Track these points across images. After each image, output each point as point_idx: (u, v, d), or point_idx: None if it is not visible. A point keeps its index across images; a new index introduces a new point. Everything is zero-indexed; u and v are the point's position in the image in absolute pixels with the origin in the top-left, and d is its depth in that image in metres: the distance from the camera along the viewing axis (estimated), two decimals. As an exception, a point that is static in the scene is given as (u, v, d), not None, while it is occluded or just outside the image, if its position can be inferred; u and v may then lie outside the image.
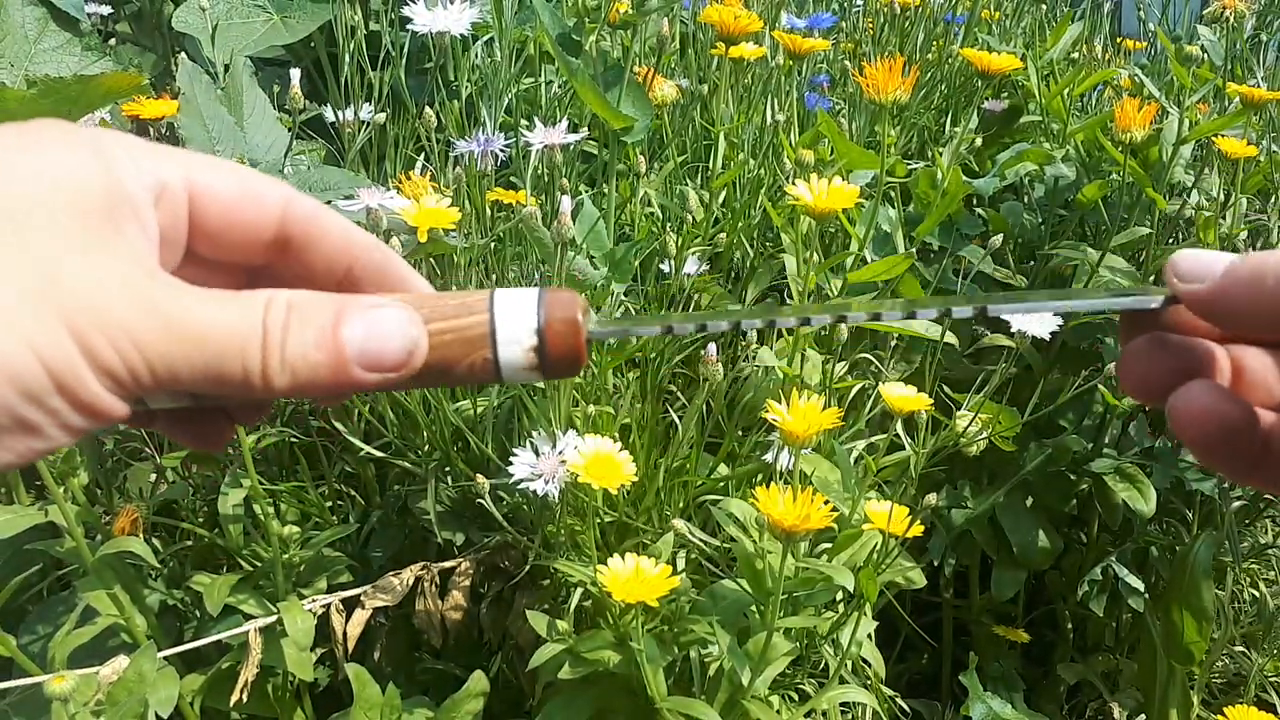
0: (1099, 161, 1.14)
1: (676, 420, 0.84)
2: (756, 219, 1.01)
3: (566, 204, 0.78)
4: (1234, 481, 0.92)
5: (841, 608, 0.78)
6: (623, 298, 0.87)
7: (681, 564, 0.80)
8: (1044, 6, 1.52)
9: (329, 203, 0.79)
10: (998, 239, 0.89)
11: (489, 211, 0.90)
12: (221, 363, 0.24)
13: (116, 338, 0.22)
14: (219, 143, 0.88)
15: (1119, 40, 1.64)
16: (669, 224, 0.98)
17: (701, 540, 0.77)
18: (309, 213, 0.28)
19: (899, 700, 0.88)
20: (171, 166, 0.26)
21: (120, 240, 0.24)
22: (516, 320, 0.27)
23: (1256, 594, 1.12)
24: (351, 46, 1.01)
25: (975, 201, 1.18)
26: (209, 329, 0.23)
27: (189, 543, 0.89)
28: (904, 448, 0.79)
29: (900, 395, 0.73)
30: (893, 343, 0.95)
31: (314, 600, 0.81)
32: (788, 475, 0.72)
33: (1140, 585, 1.08)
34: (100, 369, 0.22)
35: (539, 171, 0.92)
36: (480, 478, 0.76)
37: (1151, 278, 1.06)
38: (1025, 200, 1.20)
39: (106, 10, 1.14)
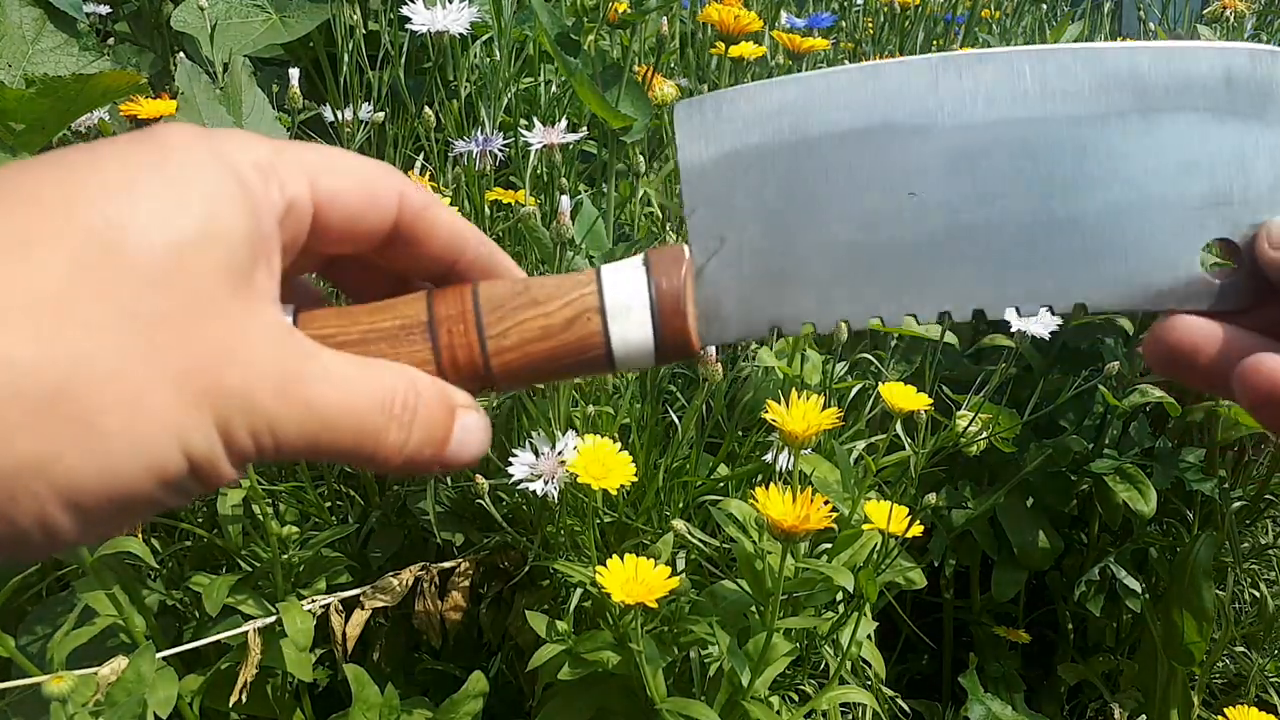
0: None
1: (676, 420, 0.84)
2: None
3: (565, 203, 0.78)
4: None
5: (841, 608, 0.78)
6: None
7: (681, 564, 0.80)
8: (1044, 6, 1.52)
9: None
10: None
11: (488, 211, 0.90)
12: (348, 447, 0.24)
13: (258, 426, 0.22)
14: (218, 142, 0.88)
15: (1119, 40, 1.63)
16: (669, 223, 0.98)
17: (701, 541, 0.76)
18: (422, 207, 0.28)
19: (899, 701, 0.87)
20: (298, 177, 0.25)
21: (258, 297, 0.23)
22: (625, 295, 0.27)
23: (1257, 594, 1.12)
24: (350, 46, 1.01)
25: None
26: (343, 415, 0.24)
27: (188, 543, 0.88)
28: (904, 448, 0.79)
29: (900, 395, 0.73)
30: (893, 343, 0.95)
31: (313, 601, 0.81)
32: (787, 475, 0.72)
33: (1139, 586, 1.08)
34: (236, 455, 0.22)
35: (538, 171, 0.92)
36: (480, 478, 0.76)
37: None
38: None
39: (105, 10, 1.14)
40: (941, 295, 0.27)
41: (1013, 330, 0.80)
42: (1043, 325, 0.80)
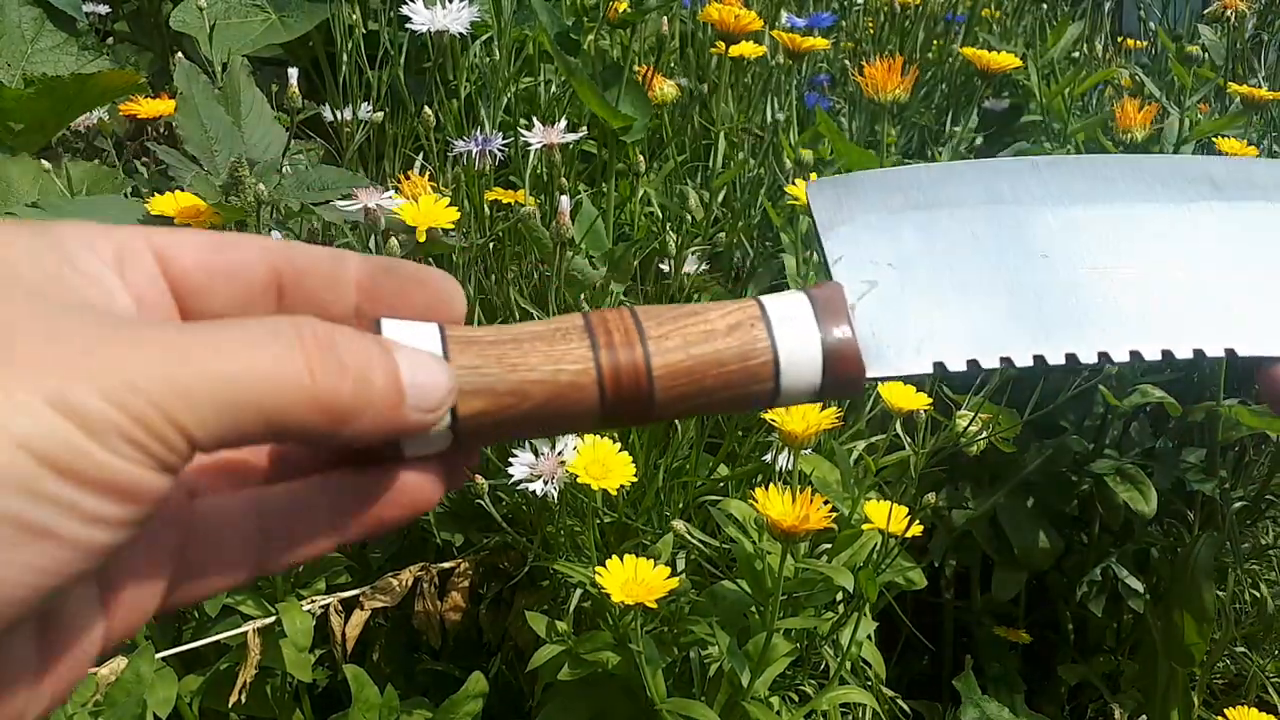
0: (1099, 161, 1.13)
1: (676, 420, 0.84)
2: (756, 219, 1.00)
3: (565, 203, 0.78)
4: None
5: (842, 608, 0.78)
6: (622, 297, 0.87)
7: (681, 565, 0.80)
8: (1044, 6, 1.51)
9: (326, 202, 0.79)
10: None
11: (488, 211, 0.90)
12: (267, 392, 0.20)
13: (112, 389, 0.18)
14: (216, 142, 0.88)
15: (1120, 39, 1.63)
16: (668, 223, 0.98)
17: (701, 541, 0.76)
18: (287, 245, 0.25)
19: (899, 701, 0.87)
20: (127, 234, 0.23)
21: (85, 304, 0.21)
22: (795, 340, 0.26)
23: (1257, 595, 1.12)
24: (350, 45, 1.01)
25: (976, 201, 1.17)
26: (233, 357, 0.20)
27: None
28: (904, 448, 0.78)
29: (900, 394, 0.73)
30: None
31: (313, 601, 0.81)
32: (787, 476, 0.72)
33: (1140, 586, 1.08)
34: (105, 432, 0.18)
35: (538, 171, 0.92)
36: (479, 478, 0.75)
37: None
38: (1026, 200, 1.19)
39: (104, 9, 1.14)
40: (1097, 336, 0.28)
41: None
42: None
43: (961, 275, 0.28)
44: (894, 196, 0.29)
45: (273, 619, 0.78)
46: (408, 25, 0.90)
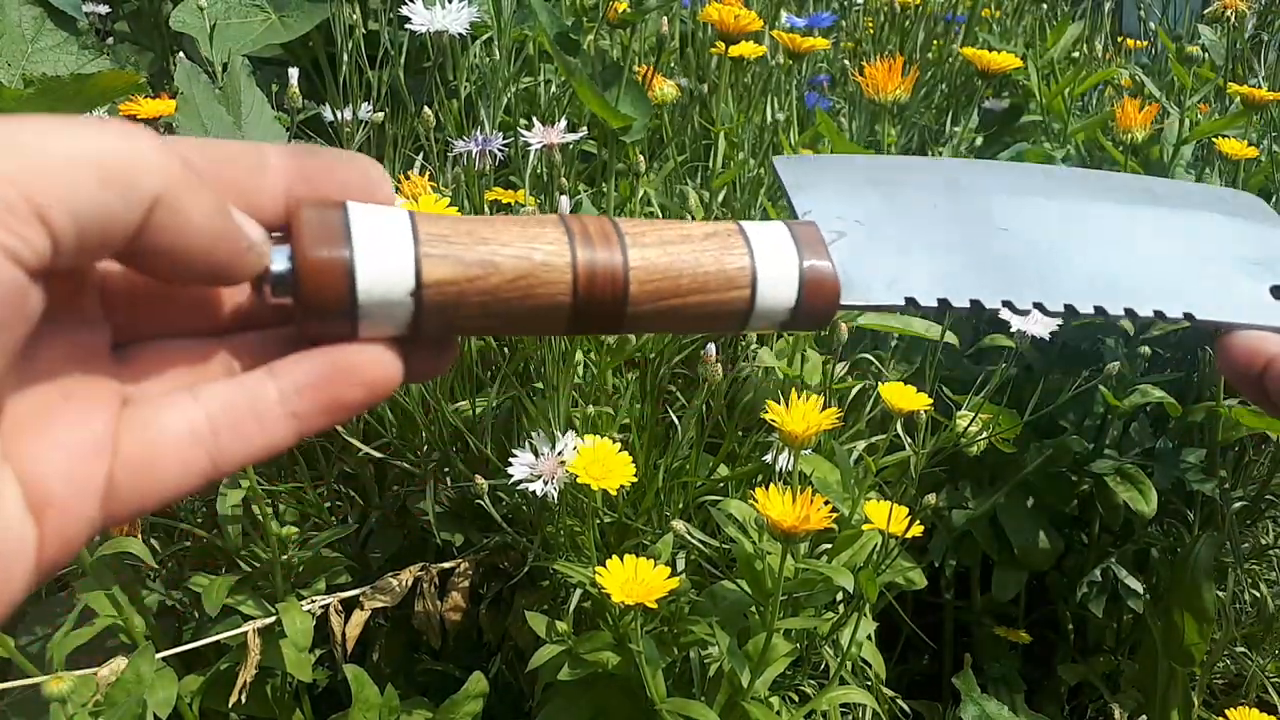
0: (1100, 161, 1.14)
1: (676, 420, 0.84)
2: (757, 219, 1.00)
3: (565, 203, 0.78)
4: None
5: (842, 609, 0.78)
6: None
7: (681, 565, 0.80)
8: (1044, 6, 1.51)
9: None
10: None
11: (488, 211, 0.90)
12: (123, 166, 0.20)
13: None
14: (217, 142, 0.88)
15: (1120, 39, 1.63)
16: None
17: (701, 541, 0.76)
18: (202, 142, 0.24)
19: (899, 701, 0.87)
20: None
21: None
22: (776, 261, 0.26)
23: (1257, 595, 1.12)
24: (350, 46, 1.01)
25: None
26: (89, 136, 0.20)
27: (187, 543, 0.88)
28: (904, 448, 0.78)
29: (900, 395, 0.73)
30: (893, 343, 0.95)
31: (313, 601, 0.81)
32: (787, 476, 0.72)
33: (1139, 587, 1.08)
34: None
35: (538, 171, 0.92)
36: (479, 478, 0.75)
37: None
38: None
39: (104, 9, 1.14)
40: (1061, 291, 0.29)
41: (1013, 330, 0.80)
42: (1043, 325, 0.79)
43: (926, 235, 0.29)
44: (858, 173, 0.31)
45: (273, 619, 0.78)
46: (408, 25, 0.90)
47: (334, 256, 0.23)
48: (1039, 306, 0.28)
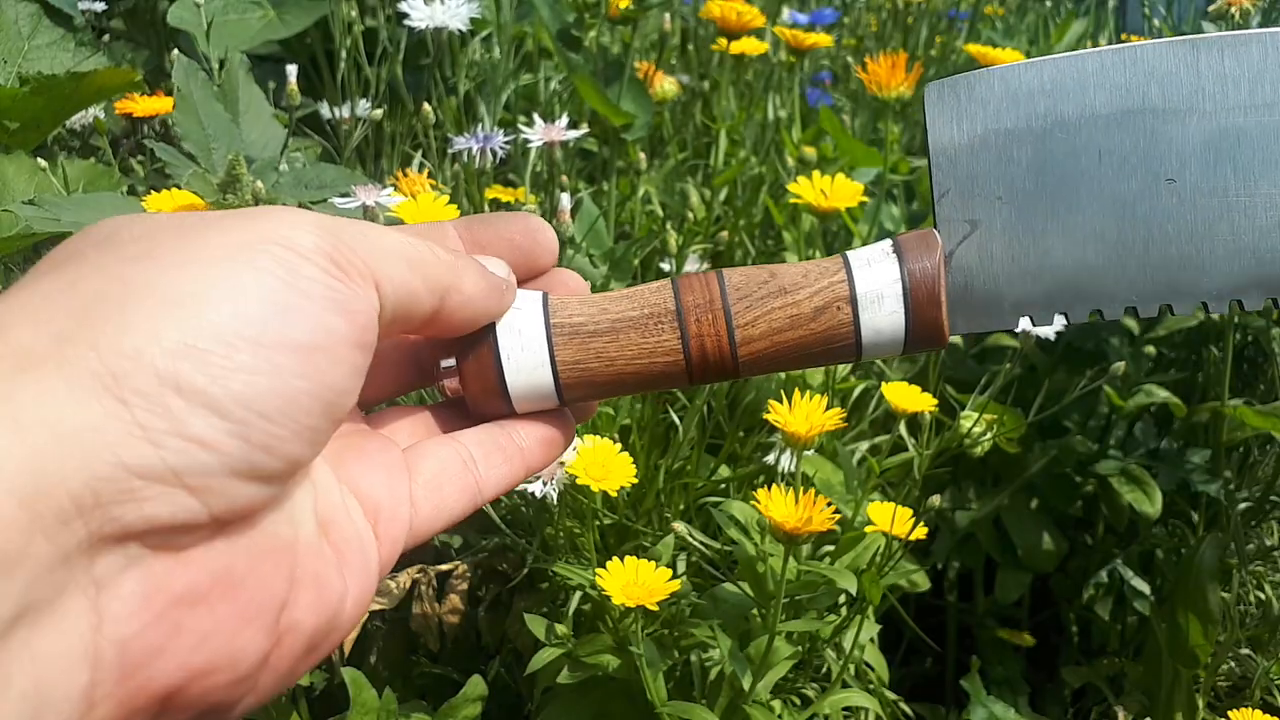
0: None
1: (677, 421, 0.83)
2: (758, 217, 1.00)
3: (566, 201, 0.78)
4: None
5: (844, 611, 0.78)
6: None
7: (682, 567, 0.79)
8: (1048, 3, 1.51)
9: (324, 200, 0.78)
10: (1002, 237, 0.88)
11: (488, 209, 0.89)
12: (416, 259, 0.26)
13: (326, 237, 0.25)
14: (215, 140, 0.87)
15: (1123, 36, 1.63)
16: (669, 222, 0.97)
17: (702, 543, 0.76)
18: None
19: (902, 704, 0.87)
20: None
21: None
22: (877, 281, 0.26)
23: (1262, 596, 1.11)
24: (348, 42, 1.00)
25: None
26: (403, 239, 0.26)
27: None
28: (907, 449, 0.78)
29: (904, 395, 0.72)
30: (896, 342, 0.94)
31: (309, 603, 0.80)
32: (790, 477, 0.71)
33: (1146, 588, 1.07)
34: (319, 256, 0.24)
35: (538, 169, 0.91)
36: (478, 479, 0.75)
37: None
38: (1029, 198, 1.19)
39: (100, 6, 1.13)
40: (1201, 286, 0.26)
41: (1017, 330, 0.79)
42: (1047, 326, 0.79)
43: (1072, 213, 0.26)
44: (1022, 108, 0.27)
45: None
46: (406, 22, 0.89)
47: (485, 364, 0.28)
48: (1166, 309, 0.26)
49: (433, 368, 0.29)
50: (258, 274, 0.22)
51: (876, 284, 0.26)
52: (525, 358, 0.27)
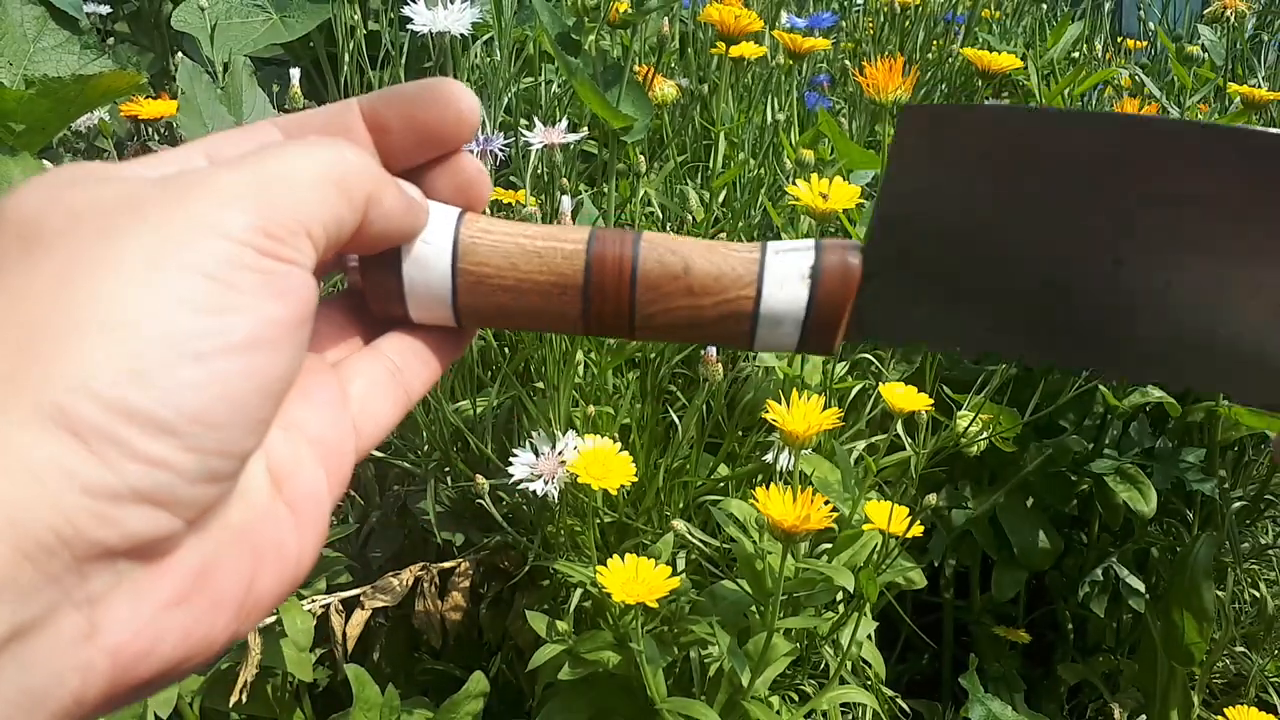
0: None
1: (676, 420, 0.84)
2: (757, 219, 1.00)
3: (566, 204, 0.78)
4: None
5: (842, 608, 0.78)
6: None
7: (681, 564, 0.80)
8: (1044, 6, 1.52)
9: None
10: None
11: (488, 211, 0.90)
12: (336, 175, 0.25)
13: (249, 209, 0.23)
14: (218, 142, 0.88)
15: (1119, 40, 1.63)
16: (669, 223, 0.98)
17: (701, 541, 0.76)
18: (296, 117, 0.29)
19: (899, 701, 0.87)
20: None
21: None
22: (789, 259, 0.26)
23: (1257, 594, 1.12)
24: (351, 46, 1.01)
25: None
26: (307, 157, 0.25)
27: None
28: (904, 448, 0.78)
29: (901, 395, 0.73)
30: (893, 343, 0.95)
31: (313, 600, 0.81)
32: (788, 475, 0.72)
33: (1141, 586, 1.08)
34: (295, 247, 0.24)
35: (539, 171, 0.92)
36: (480, 478, 0.76)
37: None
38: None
39: (105, 9, 1.14)
40: (1129, 361, 0.25)
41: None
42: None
43: (992, 267, 0.25)
44: (985, 142, 0.25)
45: (273, 618, 0.78)
46: (409, 26, 0.90)
47: (388, 286, 0.28)
48: (1057, 362, 0.25)
49: (342, 257, 0.29)
50: (188, 280, 0.21)
51: (782, 307, 0.26)
52: (426, 291, 0.28)
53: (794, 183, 0.76)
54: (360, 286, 0.29)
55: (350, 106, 0.29)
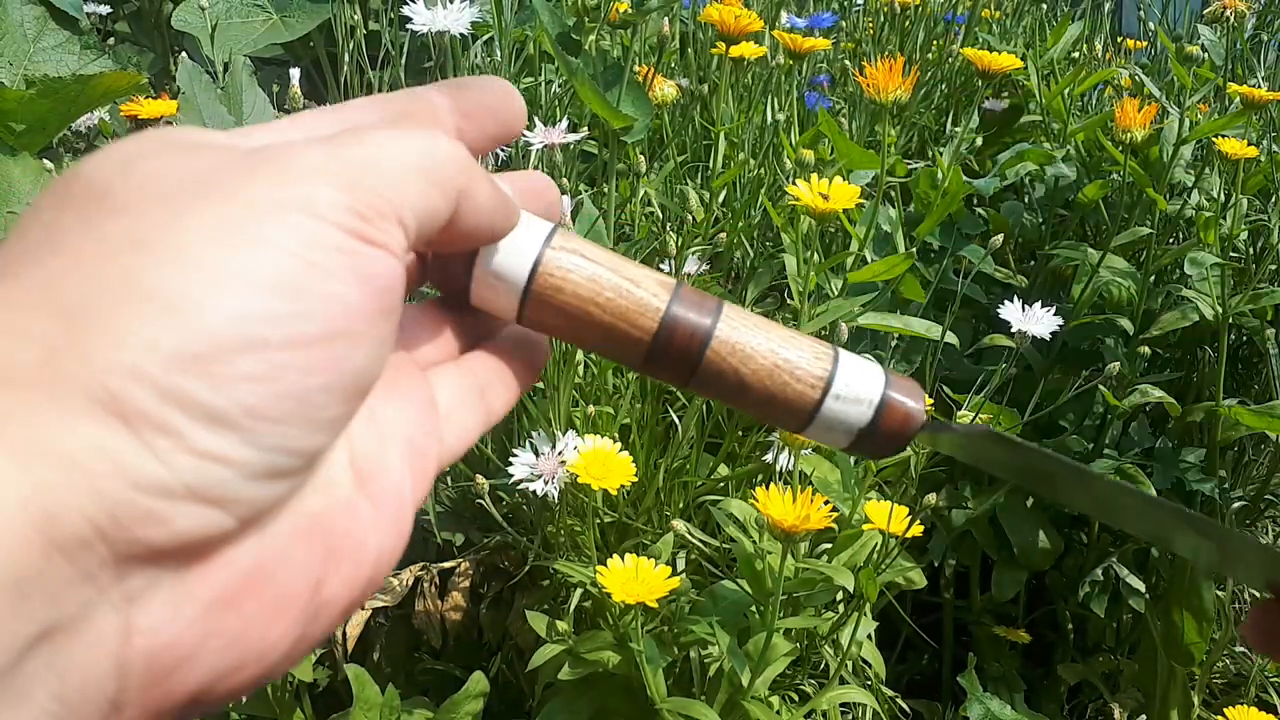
0: (1099, 161, 1.14)
1: (676, 420, 0.84)
2: (757, 219, 1.00)
3: (566, 204, 0.78)
4: None
5: (841, 608, 0.78)
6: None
7: (681, 564, 0.80)
8: (1044, 6, 1.52)
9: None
10: (998, 239, 0.89)
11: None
12: (431, 165, 0.23)
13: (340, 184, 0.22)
14: (218, 142, 0.88)
15: (1119, 40, 1.63)
16: (669, 224, 0.98)
17: (701, 541, 0.76)
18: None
19: (899, 701, 0.87)
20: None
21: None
22: (859, 379, 0.27)
23: (1257, 595, 1.12)
24: (351, 46, 1.01)
25: (976, 201, 1.17)
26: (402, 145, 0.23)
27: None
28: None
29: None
30: (893, 343, 0.95)
31: (313, 600, 0.81)
32: (788, 476, 0.72)
33: (1141, 586, 1.08)
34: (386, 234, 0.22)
35: (539, 171, 0.92)
36: (480, 478, 0.76)
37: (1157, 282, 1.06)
38: (1026, 200, 1.20)
39: (105, 9, 1.14)
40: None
41: (1013, 330, 0.80)
42: (1043, 325, 0.80)
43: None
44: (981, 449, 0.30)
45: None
46: (409, 26, 0.90)
47: (455, 272, 0.27)
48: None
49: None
50: (268, 255, 0.20)
51: (840, 420, 0.28)
52: (496, 290, 0.27)
53: (794, 183, 0.76)
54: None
55: (430, 92, 0.27)
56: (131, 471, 0.18)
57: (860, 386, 0.27)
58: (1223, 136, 1.00)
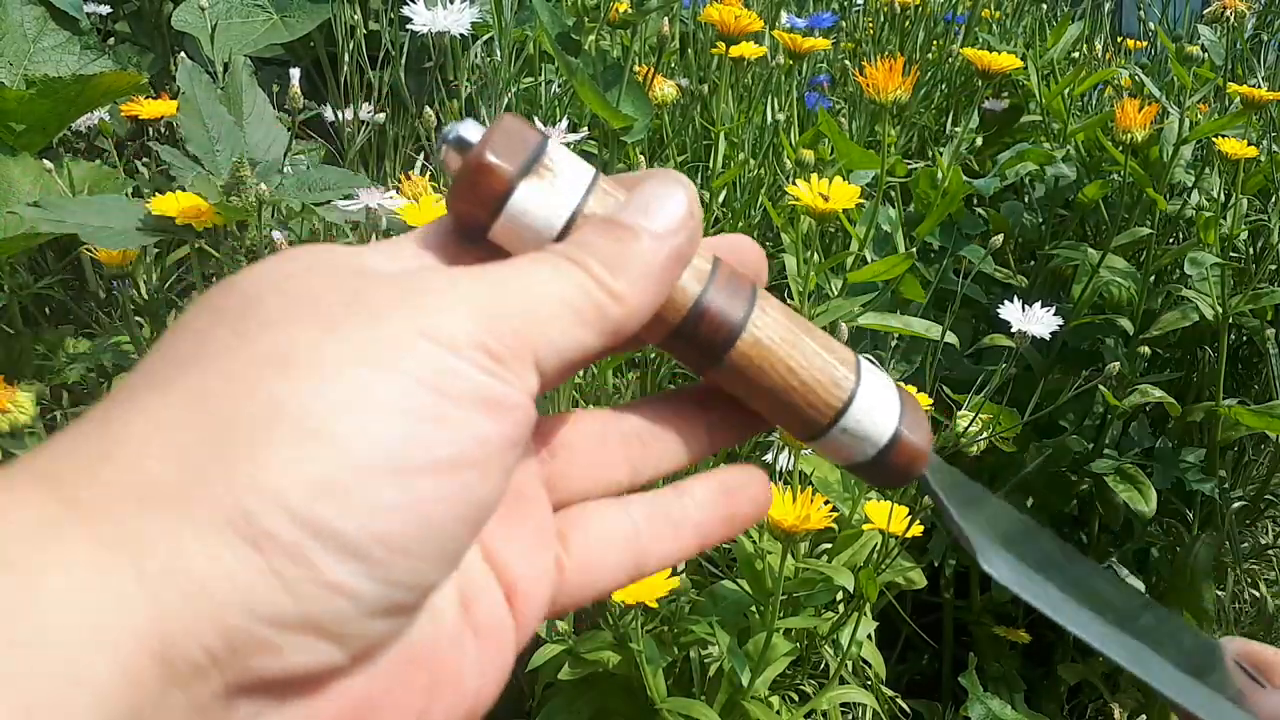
0: (1099, 161, 1.14)
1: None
2: (757, 219, 1.00)
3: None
4: None
5: (842, 608, 0.78)
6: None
7: (681, 564, 0.80)
8: (1044, 6, 1.52)
9: (328, 202, 0.79)
10: (998, 239, 0.89)
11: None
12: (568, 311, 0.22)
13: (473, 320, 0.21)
14: (219, 142, 0.88)
15: (1119, 40, 1.64)
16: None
17: (701, 540, 0.76)
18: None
19: (899, 701, 0.87)
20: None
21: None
22: (873, 415, 0.26)
23: (1257, 594, 1.12)
24: (351, 46, 1.01)
25: (976, 201, 1.17)
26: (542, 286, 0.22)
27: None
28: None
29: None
30: (893, 343, 0.95)
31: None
32: (788, 475, 0.72)
33: (1141, 586, 1.08)
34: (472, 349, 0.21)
35: (539, 171, 0.92)
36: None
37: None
38: (1026, 200, 1.20)
39: (105, 9, 1.14)
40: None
41: (1013, 330, 0.80)
42: (1043, 325, 0.80)
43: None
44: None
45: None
46: (409, 26, 0.90)
47: (505, 165, 0.24)
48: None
49: (443, 130, 0.25)
50: (402, 384, 0.19)
51: (854, 443, 0.27)
52: (522, 236, 0.24)
53: (794, 183, 0.76)
54: (450, 168, 0.25)
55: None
56: (254, 599, 0.18)
57: (870, 423, 0.26)
58: (1223, 136, 1.00)
